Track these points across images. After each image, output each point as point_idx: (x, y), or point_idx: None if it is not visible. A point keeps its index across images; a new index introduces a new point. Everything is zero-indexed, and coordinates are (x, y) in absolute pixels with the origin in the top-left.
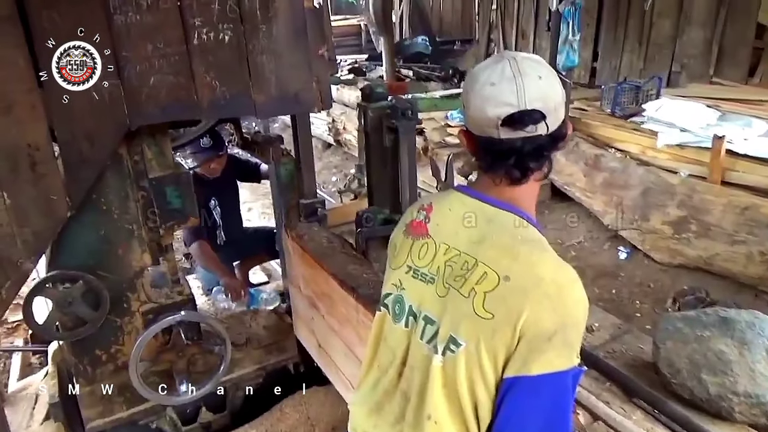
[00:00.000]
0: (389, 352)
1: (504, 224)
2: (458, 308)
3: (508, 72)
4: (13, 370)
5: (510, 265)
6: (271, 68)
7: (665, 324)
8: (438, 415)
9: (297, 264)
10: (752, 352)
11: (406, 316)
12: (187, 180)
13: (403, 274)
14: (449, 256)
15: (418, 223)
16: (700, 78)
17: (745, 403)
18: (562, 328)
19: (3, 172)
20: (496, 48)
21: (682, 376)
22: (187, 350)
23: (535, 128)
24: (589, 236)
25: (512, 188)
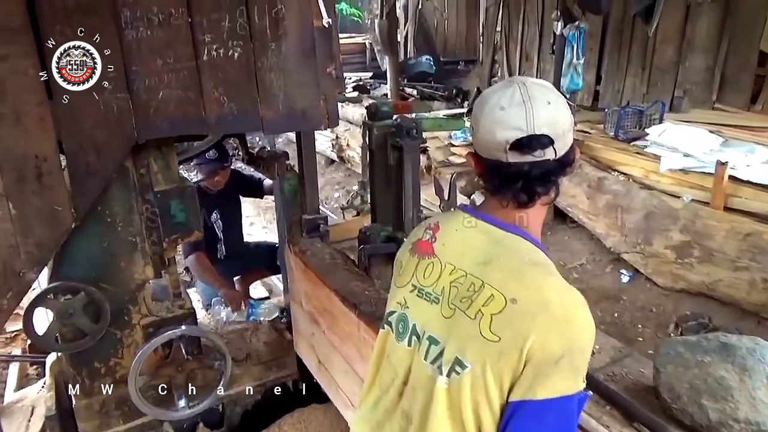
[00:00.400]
0: (391, 370)
1: (511, 247)
2: (464, 330)
3: (518, 97)
4: (10, 381)
5: (517, 288)
6: (279, 85)
7: (666, 348)
8: None
9: (299, 279)
10: (753, 379)
11: (410, 335)
12: (191, 194)
13: (407, 292)
14: (455, 276)
15: (425, 243)
16: (703, 104)
17: (745, 430)
18: (569, 352)
19: (9, 182)
20: (500, 69)
21: (683, 401)
22: (186, 365)
23: (543, 153)
24: (591, 258)
25: (519, 211)
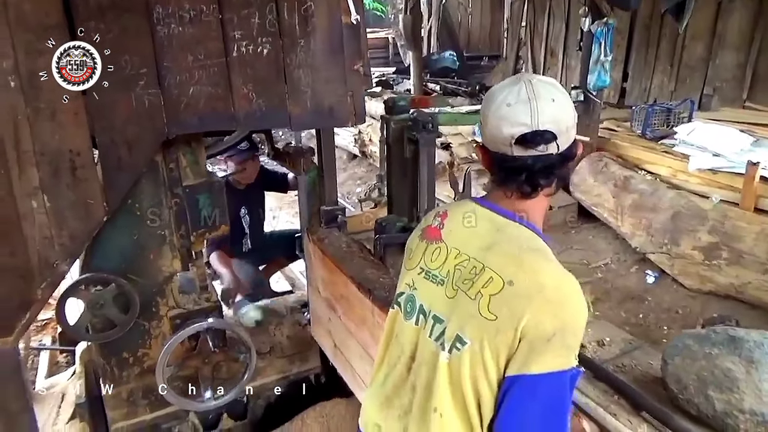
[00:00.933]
0: (399, 347)
1: (512, 234)
2: (465, 309)
3: (524, 94)
4: (41, 368)
5: (515, 271)
6: (307, 82)
7: (675, 341)
8: (443, 408)
9: (317, 267)
10: (759, 371)
11: (417, 314)
12: (219, 189)
13: (416, 275)
14: (459, 260)
15: (433, 229)
16: (733, 102)
17: (750, 421)
18: (561, 331)
19: (45, 176)
20: (524, 65)
21: (689, 392)
22: (212, 357)
23: (546, 148)
24: (615, 258)
25: (522, 201)
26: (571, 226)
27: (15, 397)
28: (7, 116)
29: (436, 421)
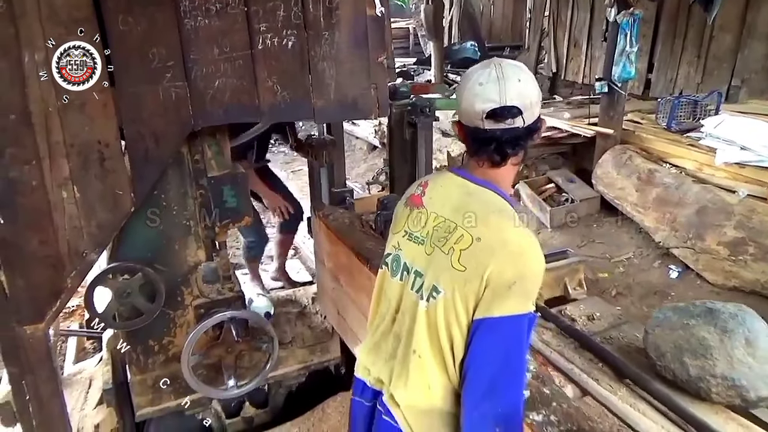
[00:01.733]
0: (387, 301)
1: (481, 198)
2: (440, 263)
3: (494, 75)
4: (69, 354)
5: (482, 229)
6: (331, 74)
7: (657, 313)
8: (421, 350)
9: (322, 241)
10: (732, 340)
11: (401, 271)
12: (243, 180)
13: (401, 237)
14: (437, 222)
15: (416, 197)
16: (762, 94)
17: (721, 385)
18: (521, 279)
19: (75, 167)
20: (546, 56)
21: (667, 359)
22: (236, 346)
23: (513, 121)
24: (638, 253)
25: (492, 170)
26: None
27: (46, 382)
28: (38, 108)
29: (416, 362)
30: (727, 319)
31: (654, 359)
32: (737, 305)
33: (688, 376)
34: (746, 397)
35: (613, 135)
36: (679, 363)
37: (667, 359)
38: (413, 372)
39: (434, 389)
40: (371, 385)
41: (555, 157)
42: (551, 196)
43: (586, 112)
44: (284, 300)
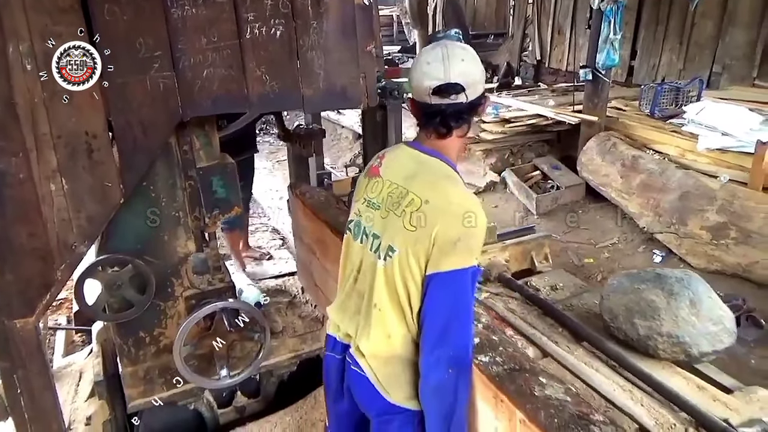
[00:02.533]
0: (351, 263)
1: (430, 166)
2: (394, 225)
3: (440, 55)
4: (57, 347)
5: (431, 193)
6: (319, 63)
7: (611, 280)
8: (381, 304)
9: (300, 217)
10: (678, 301)
11: (362, 234)
12: (232, 171)
13: (361, 204)
14: (391, 189)
15: (374, 168)
16: (742, 80)
17: (667, 342)
18: (464, 237)
19: (62, 158)
20: (530, 43)
21: (619, 320)
22: (228, 336)
23: (457, 97)
24: (623, 238)
25: (439, 141)
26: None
27: (37, 375)
28: (24, 99)
29: (377, 315)
30: (673, 283)
31: (608, 321)
32: (684, 271)
33: (638, 335)
34: (690, 352)
35: (598, 122)
36: (630, 324)
37: (619, 321)
38: (375, 324)
39: (394, 338)
40: (341, 339)
41: (540, 144)
42: (537, 183)
43: (570, 100)
44: (274, 290)
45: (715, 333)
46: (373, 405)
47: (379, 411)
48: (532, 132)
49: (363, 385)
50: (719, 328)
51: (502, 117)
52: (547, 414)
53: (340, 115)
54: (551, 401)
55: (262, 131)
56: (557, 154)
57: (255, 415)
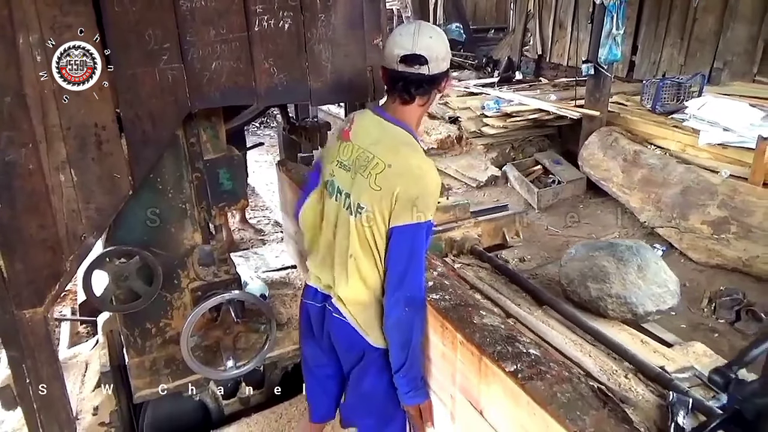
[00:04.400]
0: (327, 219)
1: (393, 132)
2: (361, 185)
3: (411, 30)
4: (63, 339)
5: (393, 158)
6: (327, 56)
7: (570, 249)
8: (356, 253)
9: (286, 191)
10: (626, 266)
11: (336, 193)
12: (239, 163)
13: (334, 166)
14: (359, 152)
15: (346, 131)
16: (743, 76)
17: (616, 303)
18: (422, 196)
19: (72, 150)
20: (531, 38)
21: (574, 284)
22: (234, 327)
23: (420, 67)
24: (624, 233)
25: (402, 108)
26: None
27: (46, 365)
28: (34, 91)
29: (352, 264)
30: (623, 251)
31: (565, 286)
32: (635, 241)
33: (590, 297)
34: (636, 311)
35: (599, 117)
36: (584, 287)
37: (574, 285)
38: (351, 272)
39: (368, 283)
40: (322, 290)
41: (542, 139)
42: (538, 178)
43: (572, 95)
44: (278, 282)
45: (660, 294)
46: (354, 348)
47: (359, 352)
48: (533, 127)
49: (345, 331)
50: (663, 290)
51: (504, 111)
52: (481, 335)
53: (340, 108)
54: (486, 327)
55: (263, 124)
56: (558, 149)
57: (259, 406)
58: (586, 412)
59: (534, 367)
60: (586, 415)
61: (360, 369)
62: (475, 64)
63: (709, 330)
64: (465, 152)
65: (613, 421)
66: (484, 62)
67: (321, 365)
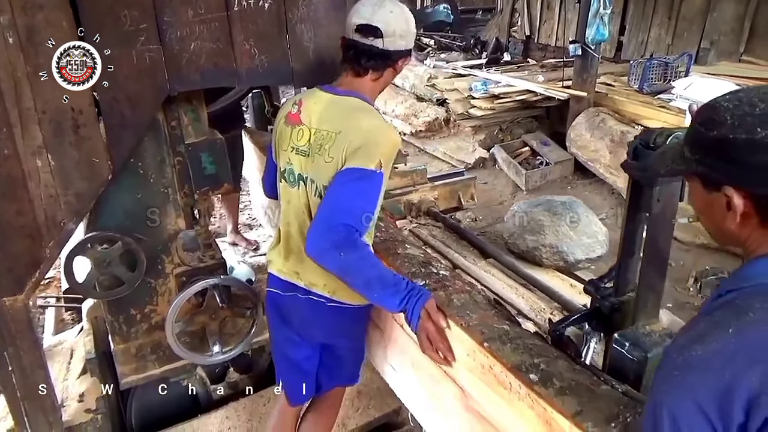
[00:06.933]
0: (293, 208)
1: (344, 104)
2: (319, 166)
3: (375, 3)
4: (47, 325)
5: (343, 125)
6: (309, 37)
7: (513, 206)
8: None
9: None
10: (560, 220)
11: (297, 181)
12: (221, 146)
13: (290, 153)
14: (313, 134)
15: (294, 115)
16: (730, 56)
17: (549, 252)
18: (365, 145)
19: (48, 134)
20: (519, 18)
21: (514, 237)
22: (220, 312)
23: (374, 40)
24: (611, 213)
25: (354, 80)
26: (566, 182)
27: (28, 353)
28: (6, 73)
29: None
30: (558, 206)
31: (506, 239)
32: (569, 197)
33: (527, 247)
34: (568, 259)
35: (587, 98)
36: (522, 239)
37: (514, 237)
38: None
39: None
40: (286, 278)
41: (529, 120)
42: (526, 160)
43: (560, 75)
44: (265, 267)
45: (589, 244)
46: (333, 322)
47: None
48: (521, 108)
49: (320, 309)
50: (593, 240)
51: (491, 93)
52: (402, 262)
53: None
54: (408, 255)
55: None
56: (546, 130)
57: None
58: (475, 311)
59: (440, 282)
60: (475, 313)
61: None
62: (462, 45)
63: (694, 309)
64: (453, 134)
65: (497, 318)
66: (472, 43)
67: (296, 348)
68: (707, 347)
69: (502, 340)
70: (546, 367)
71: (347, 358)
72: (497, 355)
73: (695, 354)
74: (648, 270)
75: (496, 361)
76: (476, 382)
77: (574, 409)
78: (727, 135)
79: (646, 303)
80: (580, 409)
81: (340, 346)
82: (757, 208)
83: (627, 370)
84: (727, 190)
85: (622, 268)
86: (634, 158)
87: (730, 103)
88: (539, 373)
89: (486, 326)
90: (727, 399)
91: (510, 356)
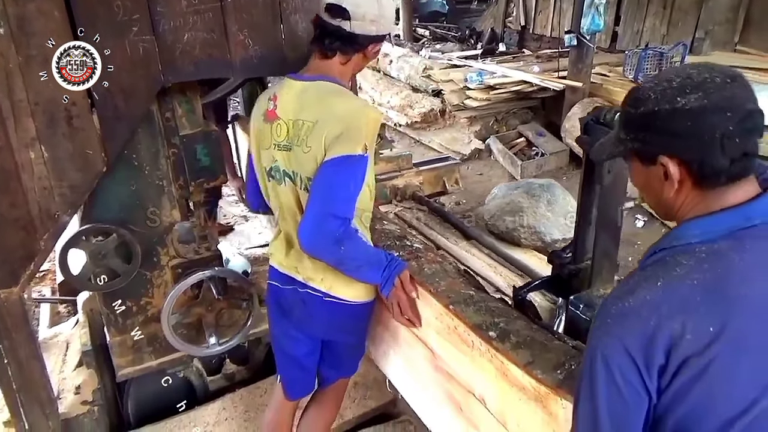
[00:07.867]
0: (282, 205)
1: (317, 89)
2: (300, 158)
3: None
4: (43, 318)
5: (319, 112)
6: (303, 27)
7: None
8: None
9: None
10: (538, 201)
11: (284, 177)
12: (216, 138)
13: (273, 150)
14: (290, 126)
15: (271, 111)
16: (724, 46)
17: (528, 232)
18: (347, 130)
19: (41, 126)
20: (515, 8)
21: (494, 218)
22: (216, 304)
23: (342, 22)
24: None
25: (322, 62)
26: (562, 173)
27: (24, 345)
28: None
29: None
30: (536, 188)
31: (486, 220)
32: (547, 180)
33: (507, 228)
34: (545, 239)
35: (582, 88)
36: (501, 221)
37: (494, 219)
38: None
39: None
40: (286, 272)
41: (525, 111)
42: (522, 150)
43: (555, 66)
44: (261, 259)
45: (566, 224)
46: (330, 317)
47: (339, 319)
48: (516, 99)
49: (317, 304)
50: (569, 220)
51: (487, 84)
52: (379, 236)
53: None
54: (385, 231)
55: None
56: (542, 121)
57: (244, 382)
58: (444, 279)
59: (413, 254)
60: (444, 281)
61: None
62: (458, 36)
63: None
64: (448, 125)
65: (464, 285)
66: (467, 34)
67: (296, 344)
68: (637, 298)
69: (466, 303)
70: (505, 326)
71: (346, 354)
72: (461, 316)
73: (627, 305)
74: (601, 238)
75: (460, 321)
76: (443, 343)
77: (526, 360)
78: (653, 108)
79: (601, 269)
80: (532, 360)
81: (338, 342)
82: (689, 172)
83: (580, 329)
84: (662, 159)
85: (579, 237)
86: (585, 133)
87: (651, 83)
88: (498, 330)
89: (453, 292)
90: (652, 343)
91: (473, 317)
